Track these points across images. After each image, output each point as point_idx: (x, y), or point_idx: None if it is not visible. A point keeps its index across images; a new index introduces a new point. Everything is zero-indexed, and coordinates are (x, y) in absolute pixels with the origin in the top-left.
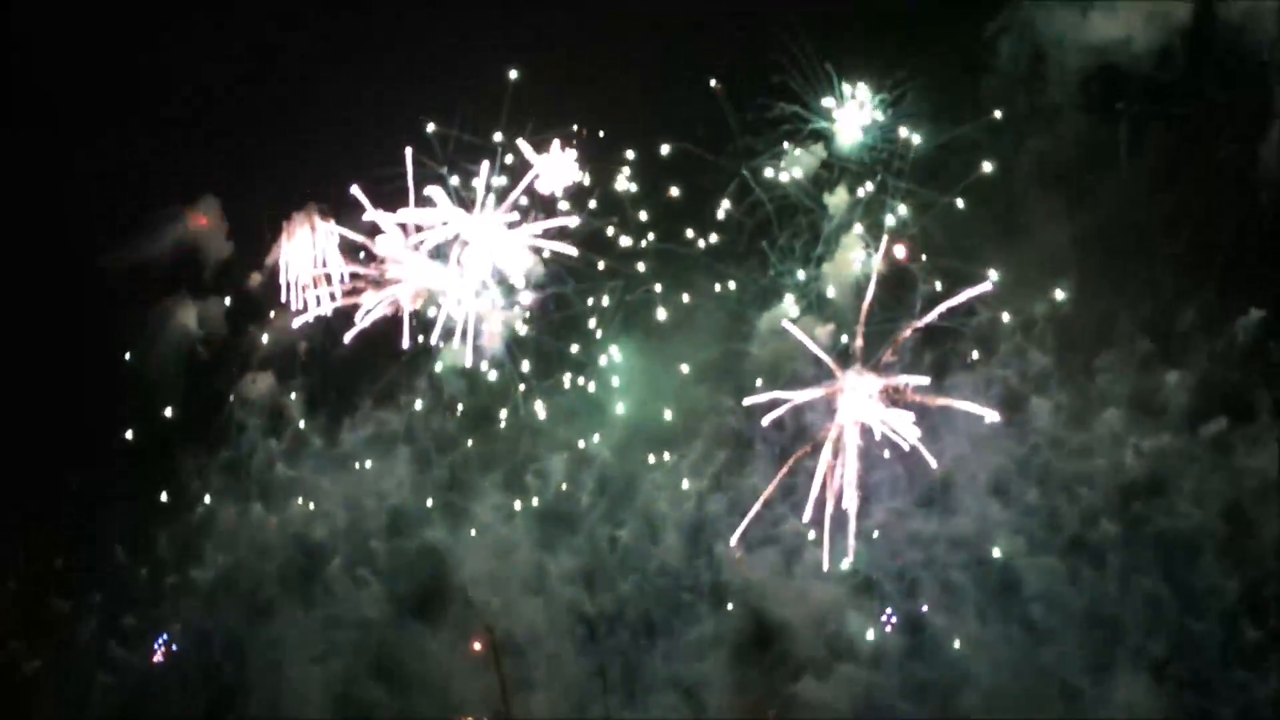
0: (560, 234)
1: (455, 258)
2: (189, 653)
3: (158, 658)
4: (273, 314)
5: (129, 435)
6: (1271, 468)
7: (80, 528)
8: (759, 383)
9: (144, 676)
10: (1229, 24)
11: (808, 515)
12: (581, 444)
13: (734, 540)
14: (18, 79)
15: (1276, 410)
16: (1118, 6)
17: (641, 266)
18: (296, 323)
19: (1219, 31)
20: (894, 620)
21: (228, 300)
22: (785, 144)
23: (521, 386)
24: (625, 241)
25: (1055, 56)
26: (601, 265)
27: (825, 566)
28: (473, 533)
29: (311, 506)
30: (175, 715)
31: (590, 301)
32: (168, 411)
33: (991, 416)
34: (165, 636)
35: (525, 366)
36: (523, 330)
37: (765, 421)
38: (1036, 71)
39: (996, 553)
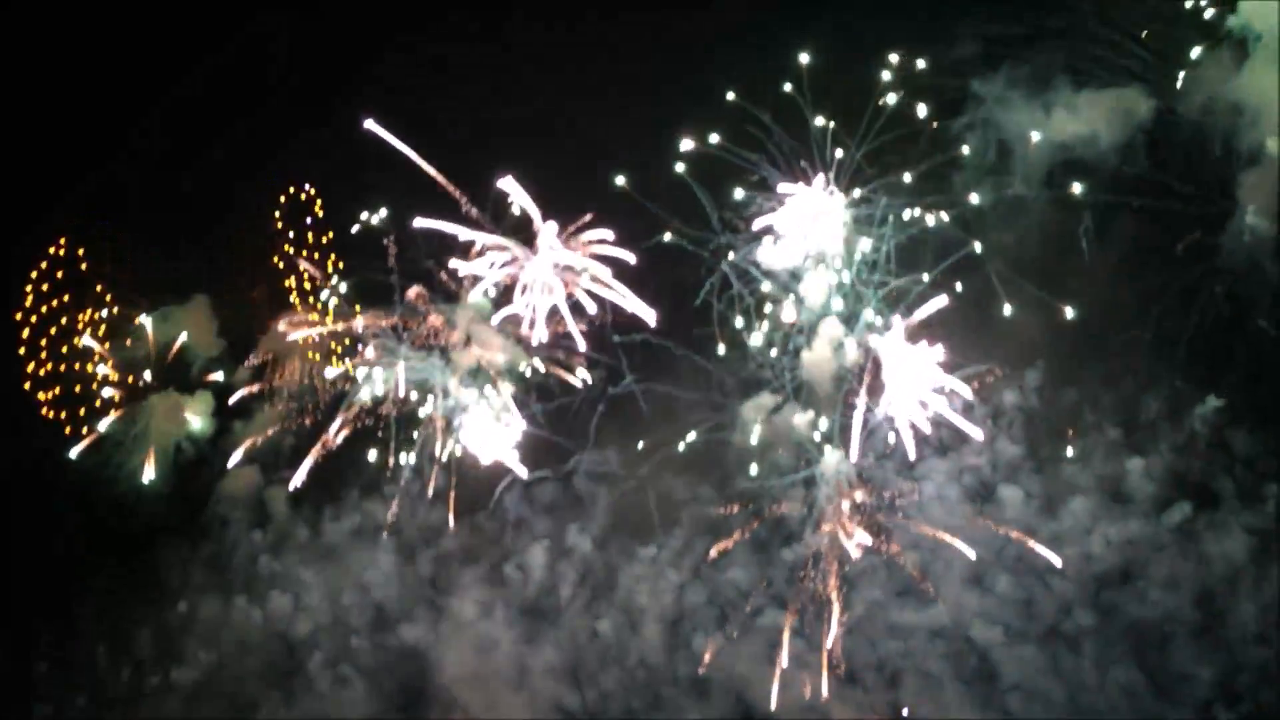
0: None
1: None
2: None
3: None
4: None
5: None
6: (1237, 553)
7: (61, 630)
8: (741, 472)
9: None
10: (1189, 119)
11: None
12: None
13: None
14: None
15: (1240, 496)
16: (1080, 103)
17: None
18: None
19: (1180, 126)
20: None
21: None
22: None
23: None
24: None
25: (1021, 151)
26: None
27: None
28: (454, 628)
29: (294, 601)
30: None
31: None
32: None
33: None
34: None
35: (510, 458)
36: (506, 422)
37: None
38: (1003, 166)
39: (974, 641)
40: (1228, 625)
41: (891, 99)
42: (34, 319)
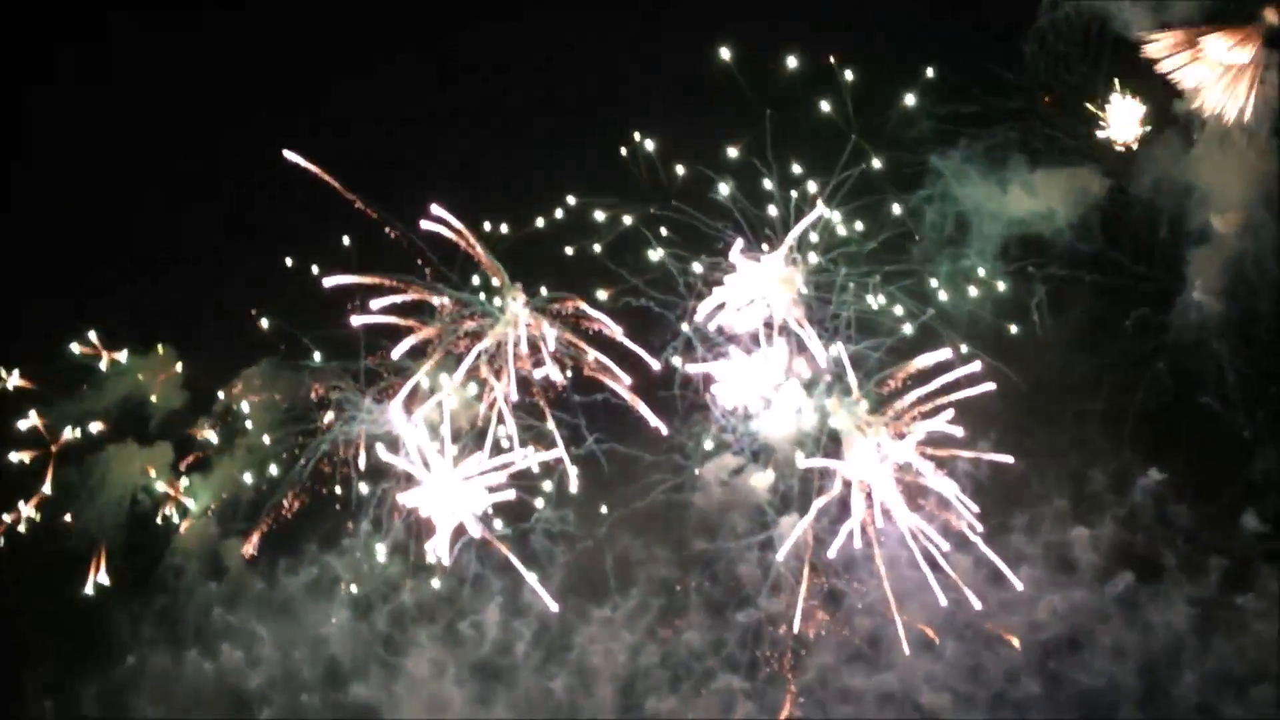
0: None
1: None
2: None
3: None
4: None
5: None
6: (1179, 624)
7: (6, 687)
8: (699, 534)
9: None
10: (1140, 198)
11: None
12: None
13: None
14: None
15: (1181, 568)
16: (1034, 180)
17: (583, 419)
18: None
19: (1132, 204)
20: None
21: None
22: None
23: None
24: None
25: (977, 225)
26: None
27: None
28: (407, 685)
29: (246, 655)
30: None
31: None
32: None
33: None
34: None
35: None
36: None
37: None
38: (959, 239)
39: (923, 706)
40: (1170, 694)
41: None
42: None
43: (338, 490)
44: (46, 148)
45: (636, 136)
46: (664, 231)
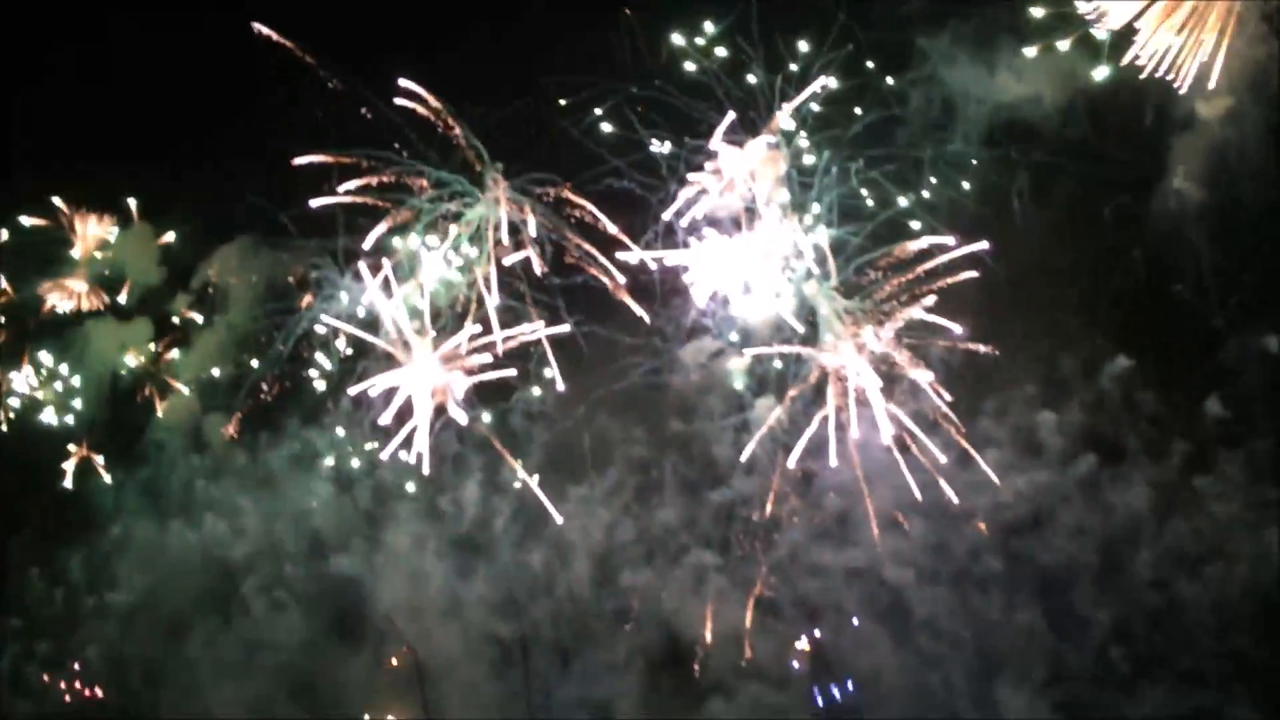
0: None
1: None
2: (108, 678)
3: (76, 684)
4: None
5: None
6: (1139, 505)
7: None
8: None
9: (63, 703)
10: (1127, 84)
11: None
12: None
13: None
14: None
15: (1144, 451)
16: (1022, 64)
17: (563, 301)
18: None
19: (1118, 91)
20: (799, 644)
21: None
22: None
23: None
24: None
25: (963, 109)
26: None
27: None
28: (388, 559)
29: (230, 526)
30: None
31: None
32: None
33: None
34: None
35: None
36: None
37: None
38: (945, 122)
39: (888, 582)
40: (1126, 573)
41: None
42: None
43: (316, 370)
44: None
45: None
46: (648, 113)
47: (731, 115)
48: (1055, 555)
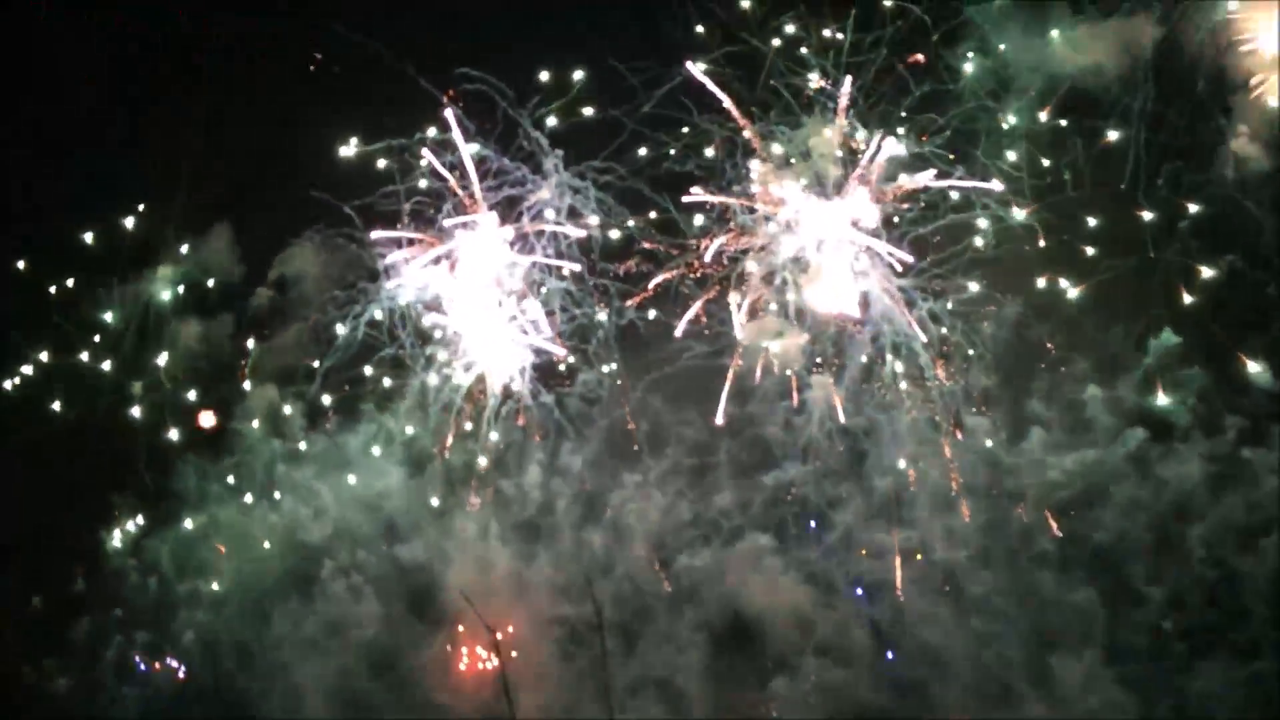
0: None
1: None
2: (202, 662)
3: (179, 674)
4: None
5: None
6: (1191, 479)
7: (92, 546)
8: (731, 398)
9: (164, 688)
10: (1187, 49)
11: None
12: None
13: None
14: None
15: (1195, 426)
16: (1078, 33)
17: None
18: None
19: (1178, 55)
20: (859, 622)
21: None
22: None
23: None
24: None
25: (1017, 79)
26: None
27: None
28: (455, 541)
29: (308, 513)
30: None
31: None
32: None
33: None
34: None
35: (519, 380)
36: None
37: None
38: (1000, 94)
39: (939, 562)
40: (1179, 549)
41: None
42: None
43: (391, 352)
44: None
45: None
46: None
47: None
48: (1109, 532)
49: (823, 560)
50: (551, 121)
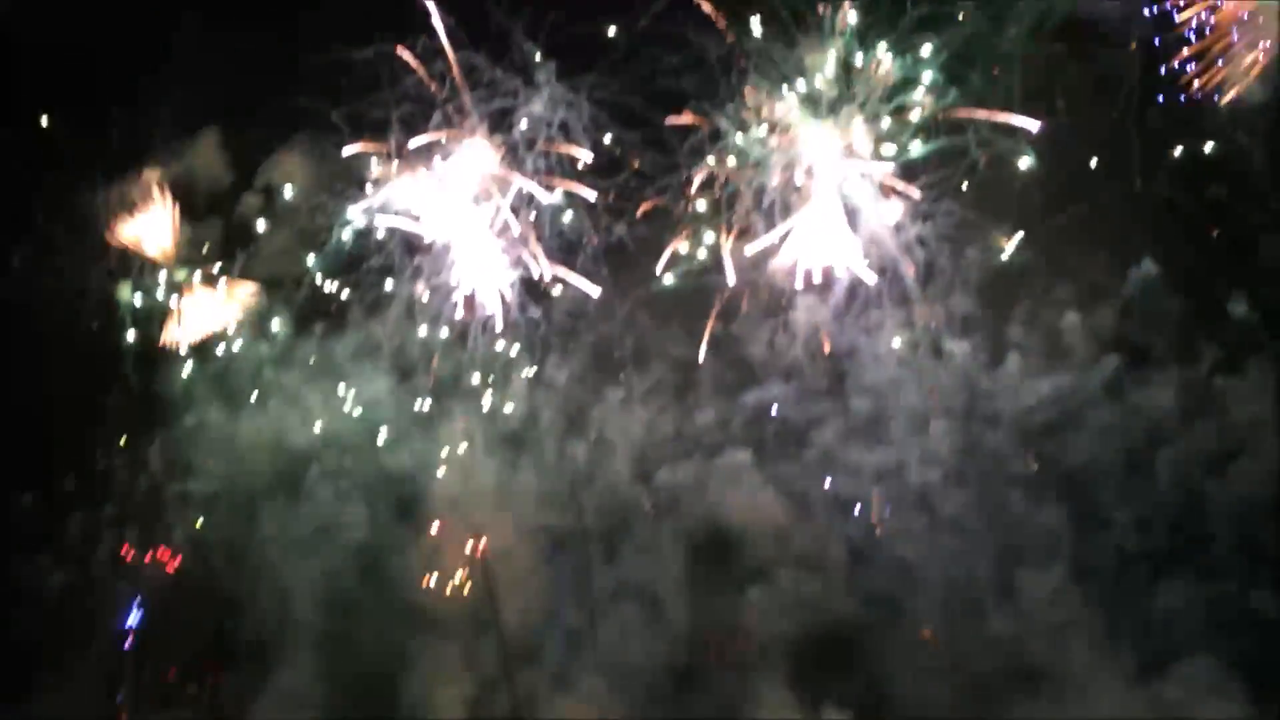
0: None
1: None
2: (195, 559)
3: (170, 566)
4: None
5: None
6: (1164, 406)
7: (79, 444)
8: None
9: (156, 582)
10: None
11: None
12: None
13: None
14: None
15: (1171, 354)
16: None
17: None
18: None
19: None
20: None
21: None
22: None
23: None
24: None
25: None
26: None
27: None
28: (439, 450)
29: (294, 419)
30: (191, 618)
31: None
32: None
33: None
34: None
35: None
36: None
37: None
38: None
39: (914, 483)
40: (1146, 474)
41: None
42: None
43: (378, 263)
44: None
45: None
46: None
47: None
48: (1081, 456)
49: (801, 477)
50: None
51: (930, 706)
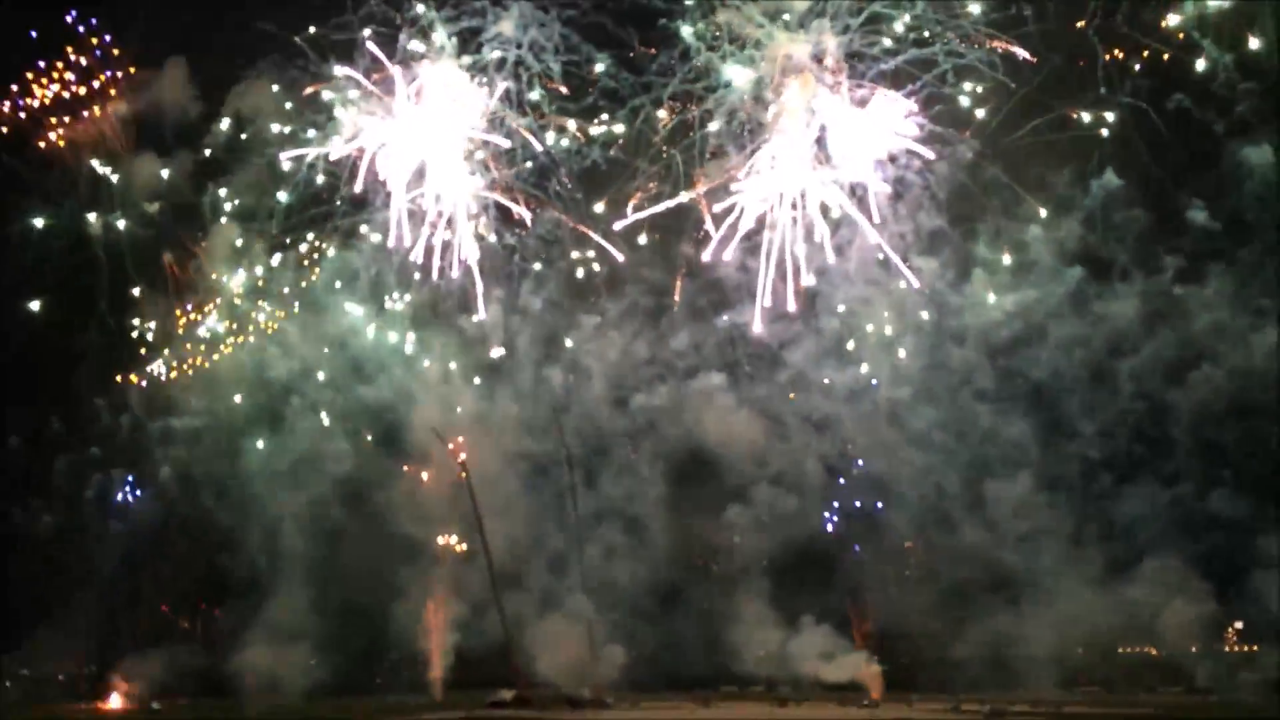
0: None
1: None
2: (181, 495)
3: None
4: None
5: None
6: (1127, 315)
7: (62, 387)
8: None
9: (145, 522)
10: None
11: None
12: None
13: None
14: None
15: (1133, 264)
16: None
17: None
18: None
19: None
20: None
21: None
22: None
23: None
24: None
25: None
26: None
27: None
28: (422, 380)
29: (275, 350)
30: (182, 554)
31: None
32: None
33: None
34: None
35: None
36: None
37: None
38: None
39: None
40: (1109, 384)
41: None
42: None
43: (352, 189)
44: None
45: None
46: None
47: None
48: (1045, 369)
49: (774, 397)
50: None
51: (906, 615)
